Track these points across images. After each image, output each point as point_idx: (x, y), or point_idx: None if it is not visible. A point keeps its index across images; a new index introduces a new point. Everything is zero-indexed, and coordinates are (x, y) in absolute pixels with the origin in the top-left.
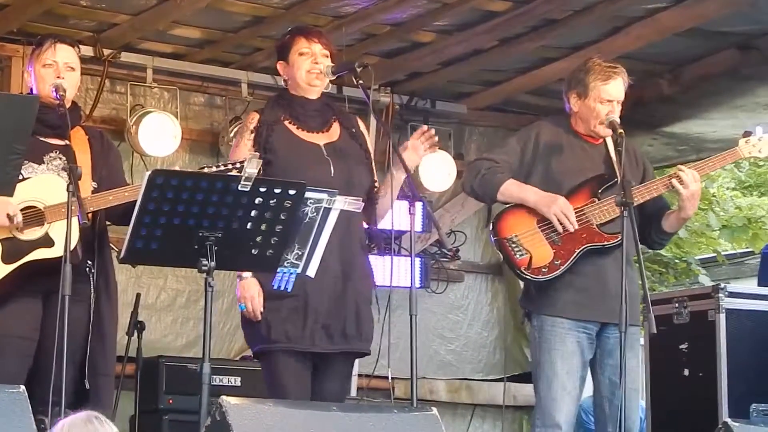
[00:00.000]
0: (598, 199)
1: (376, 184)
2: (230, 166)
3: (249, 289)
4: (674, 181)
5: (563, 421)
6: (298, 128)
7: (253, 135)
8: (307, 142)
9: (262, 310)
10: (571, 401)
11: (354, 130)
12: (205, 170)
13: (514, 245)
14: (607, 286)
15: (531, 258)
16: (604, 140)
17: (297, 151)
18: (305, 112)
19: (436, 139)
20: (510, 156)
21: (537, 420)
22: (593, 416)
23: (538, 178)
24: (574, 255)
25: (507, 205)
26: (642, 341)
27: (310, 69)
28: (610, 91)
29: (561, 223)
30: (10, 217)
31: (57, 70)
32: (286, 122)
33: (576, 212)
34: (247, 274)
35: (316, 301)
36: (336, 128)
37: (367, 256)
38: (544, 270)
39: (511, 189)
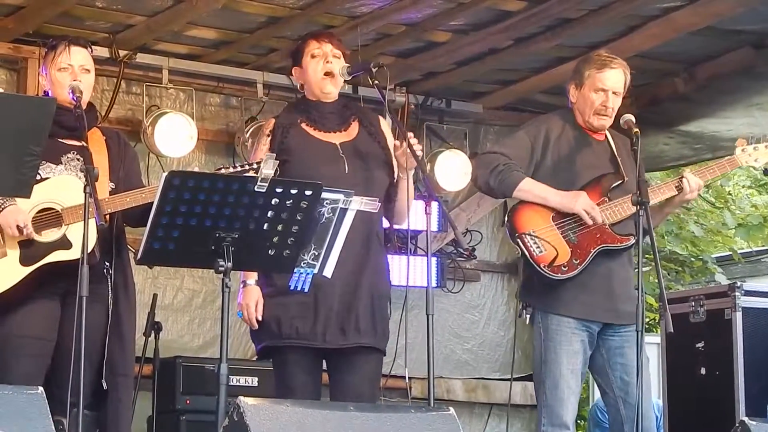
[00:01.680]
0: (609, 199)
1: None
2: (247, 167)
3: (247, 297)
4: (682, 184)
5: (570, 420)
6: (314, 129)
7: (269, 138)
8: (323, 141)
9: (259, 318)
10: (576, 400)
11: (374, 129)
12: (222, 171)
13: (532, 240)
14: (612, 288)
15: (553, 255)
16: (606, 136)
17: (311, 150)
18: (322, 115)
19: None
20: (520, 150)
21: (543, 419)
22: (608, 416)
23: (546, 173)
24: (591, 254)
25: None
26: (654, 340)
27: (322, 69)
28: (604, 79)
29: (590, 216)
30: (20, 229)
31: (73, 73)
32: (303, 124)
33: None
34: (251, 282)
35: (328, 296)
36: (355, 127)
37: (385, 253)
38: (564, 268)
39: (530, 188)
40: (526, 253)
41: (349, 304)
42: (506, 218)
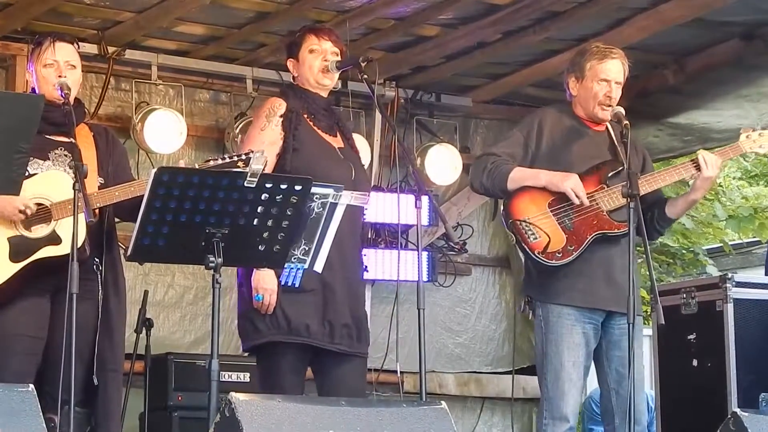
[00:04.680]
0: (607, 186)
1: None
2: (236, 158)
3: (269, 282)
4: (699, 160)
5: (570, 413)
6: (315, 126)
7: (281, 120)
8: (327, 142)
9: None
10: (577, 393)
11: (350, 143)
12: (211, 162)
13: (527, 227)
14: (612, 275)
15: (546, 242)
16: (607, 127)
17: (320, 149)
18: (318, 110)
19: None
20: (513, 147)
21: (545, 411)
22: (600, 406)
23: (544, 163)
24: (587, 241)
25: (518, 188)
26: (649, 332)
27: (320, 65)
28: (606, 70)
29: (577, 195)
30: (23, 211)
31: (58, 69)
32: (305, 115)
33: (587, 197)
34: None
35: (337, 299)
36: (339, 136)
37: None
38: (558, 255)
39: (520, 174)
40: (521, 240)
41: (354, 310)
42: (502, 206)
